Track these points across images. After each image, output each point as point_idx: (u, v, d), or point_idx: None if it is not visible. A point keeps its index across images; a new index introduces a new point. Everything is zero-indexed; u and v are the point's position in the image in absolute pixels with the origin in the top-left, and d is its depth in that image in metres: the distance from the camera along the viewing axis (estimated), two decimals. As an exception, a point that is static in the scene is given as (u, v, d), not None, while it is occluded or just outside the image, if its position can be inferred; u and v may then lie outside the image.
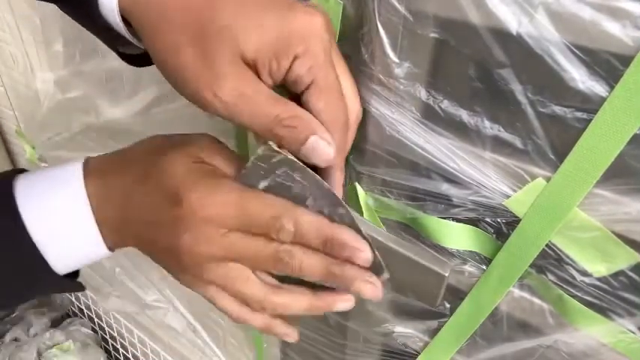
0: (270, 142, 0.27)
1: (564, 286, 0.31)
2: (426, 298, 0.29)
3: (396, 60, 0.31)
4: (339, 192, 0.30)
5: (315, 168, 0.28)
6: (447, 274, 0.27)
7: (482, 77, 0.28)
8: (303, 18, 0.26)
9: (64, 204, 0.30)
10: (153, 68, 0.52)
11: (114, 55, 0.45)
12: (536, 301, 0.33)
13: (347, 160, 0.38)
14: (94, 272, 1.13)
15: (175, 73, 0.28)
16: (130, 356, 1.18)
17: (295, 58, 0.26)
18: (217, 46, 0.26)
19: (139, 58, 0.34)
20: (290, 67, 0.27)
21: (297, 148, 0.27)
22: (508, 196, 0.30)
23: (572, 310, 0.31)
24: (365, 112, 0.33)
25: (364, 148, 0.35)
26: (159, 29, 0.27)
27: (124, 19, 0.29)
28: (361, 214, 0.37)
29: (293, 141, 0.27)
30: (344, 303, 0.31)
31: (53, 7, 0.52)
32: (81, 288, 0.34)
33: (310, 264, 0.29)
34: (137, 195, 0.30)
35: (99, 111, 0.73)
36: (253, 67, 0.27)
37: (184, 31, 0.26)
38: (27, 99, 0.91)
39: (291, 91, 0.29)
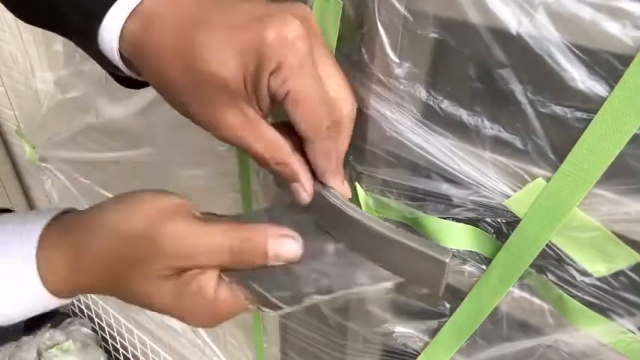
0: None
1: (564, 286, 0.31)
2: (429, 286, 0.29)
3: (396, 60, 0.31)
4: (345, 195, 0.31)
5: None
6: (447, 260, 0.27)
7: (482, 77, 0.28)
8: (273, 31, 0.26)
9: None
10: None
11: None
12: (536, 301, 0.33)
13: (347, 160, 0.38)
14: (94, 272, 1.13)
15: (182, 110, 0.30)
16: (129, 356, 1.18)
17: (270, 75, 0.26)
18: (207, 89, 0.27)
19: (130, 81, 0.34)
20: (269, 85, 0.27)
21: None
22: (508, 196, 0.30)
23: (572, 310, 0.31)
24: (365, 112, 0.33)
25: (364, 148, 0.35)
26: (160, 74, 0.28)
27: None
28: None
29: (278, 176, 0.31)
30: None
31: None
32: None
33: None
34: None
35: (99, 111, 0.73)
36: (242, 93, 0.27)
37: (182, 76, 0.27)
38: (27, 99, 0.91)
39: None
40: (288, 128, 0.29)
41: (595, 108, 0.25)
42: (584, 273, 0.30)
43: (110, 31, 0.28)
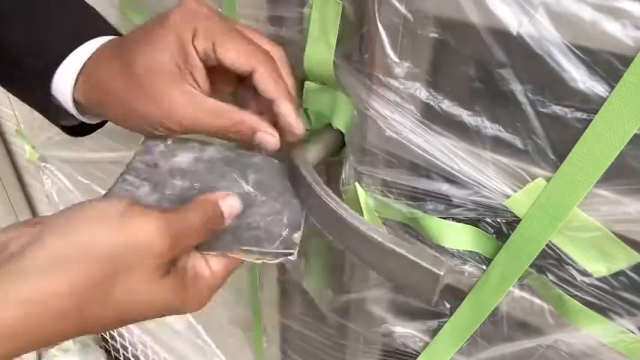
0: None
1: (564, 286, 0.31)
2: (423, 295, 0.29)
3: (396, 60, 0.31)
4: (297, 130, 0.34)
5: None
6: (441, 273, 0.27)
7: (483, 77, 0.28)
8: (176, 11, 0.32)
9: None
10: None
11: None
12: (537, 301, 0.33)
13: (347, 159, 0.38)
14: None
15: (135, 118, 0.34)
16: (130, 356, 1.18)
17: (193, 42, 0.31)
18: (148, 84, 0.32)
19: (77, 130, 0.40)
20: (195, 48, 0.32)
21: (249, 143, 0.34)
22: (508, 196, 0.30)
23: (572, 310, 0.31)
24: (365, 112, 0.33)
25: (364, 148, 0.35)
26: (106, 90, 0.34)
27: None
28: (361, 214, 0.37)
29: (242, 141, 0.34)
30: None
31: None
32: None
33: None
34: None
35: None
36: (176, 73, 0.32)
37: (126, 82, 0.32)
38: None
39: None
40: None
41: (595, 108, 0.25)
42: (585, 273, 0.30)
43: (66, 71, 0.34)
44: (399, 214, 0.36)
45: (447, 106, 0.30)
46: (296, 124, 0.33)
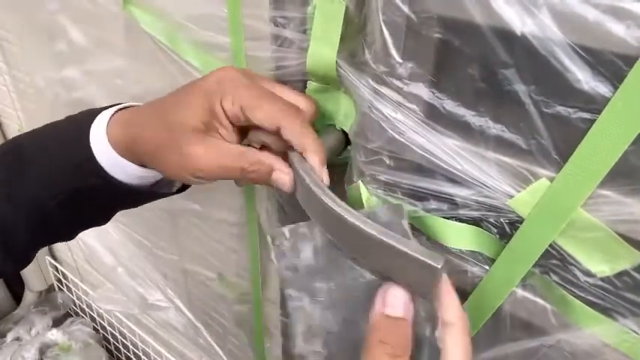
0: None
1: (568, 286, 0.31)
2: (422, 291, 0.29)
3: (400, 60, 0.31)
4: (317, 169, 0.35)
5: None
6: (439, 266, 0.27)
7: (486, 77, 0.28)
8: (209, 78, 0.36)
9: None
10: (158, 66, 0.52)
11: (118, 55, 0.45)
12: (540, 301, 0.33)
13: (350, 159, 0.38)
14: (96, 271, 1.13)
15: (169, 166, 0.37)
16: (131, 355, 1.19)
17: (221, 104, 0.35)
18: (179, 136, 0.35)
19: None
20: (224, 110, 0.35)
21: (267, 183, 0.37)
22: (511, 197, 0.30)
23: (575, 310, 0.31)
24: (368, 113, 0.33)
25: (367, 148, 0.35)
26: (145, 140, 0.37)
27: None
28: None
29: (262, 180, 0.36)
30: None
31: (56, 6, 0.51)
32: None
33: None
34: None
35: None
36: (203, 129, 0.35)
37: (161, 132, 0.36)
38: (30, 98, 0.91)
39: None
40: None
41: (599, 108, 0.25)
42: (588, 273, 0.30)
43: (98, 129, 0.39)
44: (402, 214, 0.36)
45: (450, 106, 0.30)
46: (320, 174, 0.35)
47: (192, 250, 0.74)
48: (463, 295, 0.36)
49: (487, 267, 0.34)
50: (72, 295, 1.30)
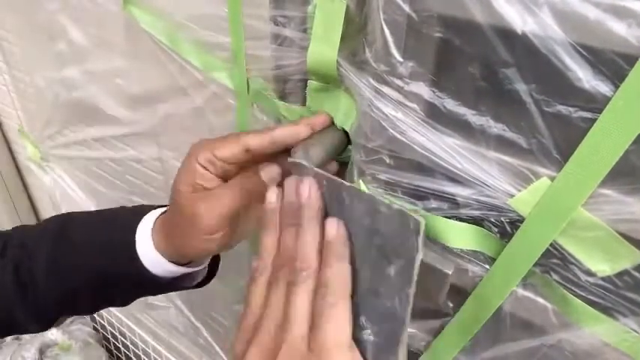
0: None
1: (568, 285, 0.31)
2: (430, 296, 0.29)
3: (400, 59, 0.31)
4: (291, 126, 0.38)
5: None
6: (450, 272, 0.27)
7: (487, 76, 0.28)
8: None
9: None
10: (158, 66, 0.52)
11: (118, 54, 0.45)
12: (540, 300, 0.33)
13: (351, 159, 0.38)
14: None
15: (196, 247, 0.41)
16: (131, 355, 1.18)
17: (197, 158, 0.39)
18: (184, 210, 0.40)
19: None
20: (201, 165, 0.39)
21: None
22: (512, 196, 0.30)
23: (576, 309, 0.31)
24: (369, 112, 0.33)
25: (368, 147, 0.35)
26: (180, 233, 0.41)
27: None
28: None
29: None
30: None
31: (56, 6, 0.51)
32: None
33: None
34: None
35: (102, 110, 0.73)
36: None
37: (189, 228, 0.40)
38: (30, 98, 0.91)
39: None
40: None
41: (600, 107, 0.25)
42: (589, 272, 0.30)
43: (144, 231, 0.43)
44: (403, 214, 0.36)
45: (451, 105, 0.30)
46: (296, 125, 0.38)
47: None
48: (464, 294, 0.36)
49: (488, 266, 0.34)
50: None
